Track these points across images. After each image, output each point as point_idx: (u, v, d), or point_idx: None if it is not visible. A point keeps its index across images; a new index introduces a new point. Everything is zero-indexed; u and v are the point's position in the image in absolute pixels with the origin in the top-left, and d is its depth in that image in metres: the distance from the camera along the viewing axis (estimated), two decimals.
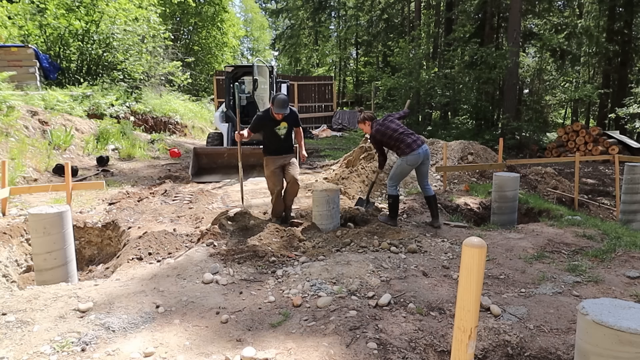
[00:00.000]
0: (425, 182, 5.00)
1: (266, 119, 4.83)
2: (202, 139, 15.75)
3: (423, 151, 4.77)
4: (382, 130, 4.90)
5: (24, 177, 6.72)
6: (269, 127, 4.86)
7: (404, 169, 4.85)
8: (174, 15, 25.57)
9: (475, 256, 1.37)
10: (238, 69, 9.74)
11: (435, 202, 5.04)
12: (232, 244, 4.16)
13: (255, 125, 4.90)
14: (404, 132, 4.85)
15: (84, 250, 5.05)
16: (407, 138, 4.79)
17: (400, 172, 4.88)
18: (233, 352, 2.36)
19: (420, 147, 4.75)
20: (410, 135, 4.84)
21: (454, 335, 1.46)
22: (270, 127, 4.86)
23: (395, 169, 4.90)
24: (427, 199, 5.04)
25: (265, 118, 4.84)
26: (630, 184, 6.07)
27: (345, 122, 20.21)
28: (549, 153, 14.80)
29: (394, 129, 4.87)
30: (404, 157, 4.77)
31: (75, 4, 13.17)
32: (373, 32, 28.58)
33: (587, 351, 1.71)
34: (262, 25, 47.06)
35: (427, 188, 4.99)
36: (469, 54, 16.48)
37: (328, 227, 4.70)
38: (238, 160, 5.53)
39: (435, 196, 5.03)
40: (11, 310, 2.74)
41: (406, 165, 4.81)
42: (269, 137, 4.92)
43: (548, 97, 19.06)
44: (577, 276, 3.45)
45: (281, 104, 4.67)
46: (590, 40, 18.84)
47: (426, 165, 4.92)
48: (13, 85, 9.05)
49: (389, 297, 2.98)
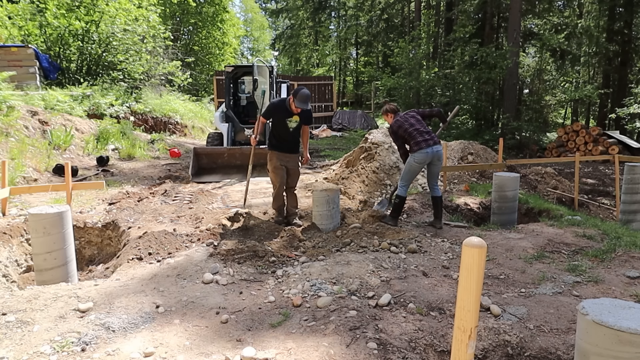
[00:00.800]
0: (434, 182, 4.98)
1: (281, 108, 4.78)
2: (202, 139, 15.75)
3: (433, 151, 4.72)
4: (400, 122, 4.87)
5: (24, 177, 6.72)
6: (281, 117, 4.80)
7: (413, 167, 4.81)
8: (174, 15, 25.58)
9: (475, 256, 1.37)
10: (238, 69, 9.74)
11: (441, 204, 5.03)
12: (232, 244, 4.16)
13: (269, 111, 4.88)
14: (418, 129, 4.80)
15: (84, 250, 5.05)
16: (418, 136, 4.75)
17: (409, 170, 4.85)
18: (233, 352, 2.36)
19: (430, 147, 4.70)
20: (423, 134, 4.78)
21: (454, 335, 1.46)
22: (282, 118, 4.80)
23: (406, 168, 4.89)
24: (433, 199, 5.02)
25: (280, 107, 4.79)
26: (630, 184, 6.07)
27: (345, 122, 20.20)
28: (549, 153, 14.80)
29: (411, 124, 4.84)
30: (412, 155, 4.76)
31: (75, 4, 13.17)
32: (373, 32, 28.60)
33: (587, 351, 1.71)
34: (262, 25, 47.08)
35: (436, 188, 4.98)
36: (469, 54, 16.50)
37: (328, 227, 4.70)
38: (249, 163, 5.69)
39: (441, 197, 5.02)
40: (11, 310, 2.74)
41: (414, 163, 4.77)
42: (277, 128, 4.86)
43: (548, 97, 19.07)
44: (577, 276, 3.45)
45: (304, 99, 4.62)
46: (590, 40, 18.86)
47: (437, 166, 4.89)
48: (13, 85, 9.05)
49: (389, 297, 2.98)
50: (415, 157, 4.74)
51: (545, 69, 19.69)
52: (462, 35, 17.33)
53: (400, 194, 4.91)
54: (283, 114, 4.79)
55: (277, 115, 4.84)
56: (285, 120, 4.82)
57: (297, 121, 4.89)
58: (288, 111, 4.77)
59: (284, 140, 4.90)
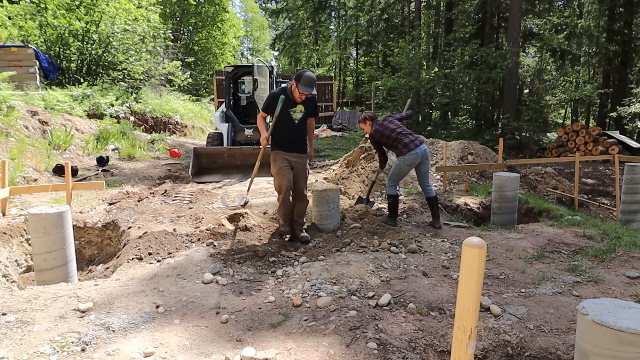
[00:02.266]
0: (426, 182, 4.99)
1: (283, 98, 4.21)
2: (202, 139, 15.75)
3: (421, 151, 4.76)
4: (380, 130, 4.91)
5: (24, 177, 6.72)
6: (284, 108, 4.21)
7: (402, 169, 4.85)
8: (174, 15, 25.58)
9: (475, 256, 1.37)
10: (238, 69, 9.75)
11: (437, 203, 5.04)
12: (232, 244, 4.16)
13: (269, 102, 4.25)
14: (402, 132, 4.85)
15: (84, 250, 5.05)
16: (404, 138, 4.79)
17: (399, 172, 4.89)
18: (233, 352, 2.36)
19: (418, 147, 4.74)
20: (408, 135, 4.84)
21: (454, 335, 1.46)
22: (285, 109, 4.20)
23: (394, 169, 4.91)
24: (428, 200, 5.04)
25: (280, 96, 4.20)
26: (630, 184, 6.07)
27: (345, 122, 20.21)
28: (549, 153, 14.80)
29: (392, 129, 4.87)
30: (402, 157, 4.77)
31: (75, 4, 13.17)
32: (373, 32, 28.59)
33: (587, 351, 1.71)
34: (262, 25, 47.08)
35: (429, 189, 4.98)
36: (469, 54, 16.50)
37: (328, 227, 4.70)
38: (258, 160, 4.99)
39: (436, 197, 5.03)
40: (11, 310, 2.74)
41: (404, 165, 4.81)
42: (280, 122, 4.24)
43: (548, 97, 19.08)
44: (577, 276, 3.45)
45: (310, 82, 4.05)
46: (590, 40, 18.86)
47: (425, 165, 4.92)
48: (13, 85, 9.05)
49: (389, 297, 2.98)
50: (406, 159, 4.75)
51: (545, 69, 19.70)
52: (462, 35, 17.33)
53: (390, 193, 4.91)
54: (285, 104, 4.20)
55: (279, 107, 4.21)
56: (288, 112, 4.21)
57: (302, 111, 4.28)
58: (291, 100, 4.20)
59: (289, 137, 4.30)
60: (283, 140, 4.31)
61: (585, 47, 20.40)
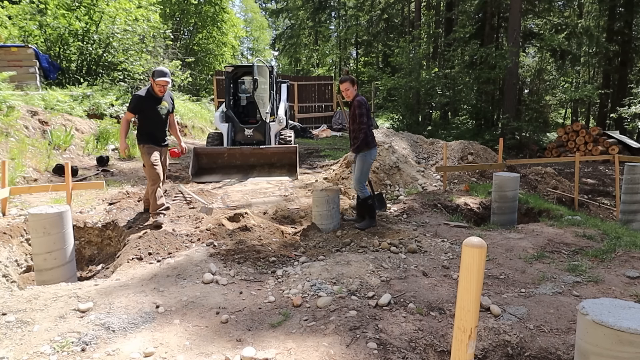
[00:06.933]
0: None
1: (147, 97, 4.70)
2: (202, 139, 15.74)
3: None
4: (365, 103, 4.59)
5: (24, 177, 6.72)
6: (150, 106, 4.73)
7: (370, 165, 4.74)
8: (174, 15, 25.58)
9: (475, 256, 1.37)
10: (238, 69, 9.73)
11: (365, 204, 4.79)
12: (232, 244, 4.16)
13: (135, 104, 4.69)
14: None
15: (84, 250, 5.05)
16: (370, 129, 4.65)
17: (368, 168, 4.74)
18: (233, 352, 2.36)
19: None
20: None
21: (454, 335, 1.46)
22: (151, 106, 4.74)
23: (364, 166, 4.67)
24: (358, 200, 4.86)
25: (147, 97, 4.70)
26: (630, 184, 6.07)
27: (345, 122, 20.19)
28: (549, 153, 14.80)
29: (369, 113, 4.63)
30: (368, 152, 4.62)
31: (75, 4, 13.16)
32: (373, 32, 28.59)
33: (587, 351, 1.71)
34: (262, 25, 47.07)
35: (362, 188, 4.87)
36: (469, 54, 16.51)
37: (328, 227, 4.70)
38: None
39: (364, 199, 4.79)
40: (11, 310, 2.74)
41: (371, 161, 4.73)
42: (150, 118, 4.78)
43: (548, 97, 19.07)
44: (577, 276, 3.45)
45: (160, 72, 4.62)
46: (590, 40, 18.85)
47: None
48: (13, 85, 9.05)
49: (389, 297, 2.98)
50: (372, 153, 4.69)
51: (545, 69, 19.69)
52: (462, 36, 17.34)
53: (366, 194, 4.74)
54: (151, 102, 4.73)
55: (145, 105, 4.72)
56: (156, 109, 4.78)
57: (166, 107, 4.89)
58: (155, 98, 4.74)
59: (158, 131, 4.88)
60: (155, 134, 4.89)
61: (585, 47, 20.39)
